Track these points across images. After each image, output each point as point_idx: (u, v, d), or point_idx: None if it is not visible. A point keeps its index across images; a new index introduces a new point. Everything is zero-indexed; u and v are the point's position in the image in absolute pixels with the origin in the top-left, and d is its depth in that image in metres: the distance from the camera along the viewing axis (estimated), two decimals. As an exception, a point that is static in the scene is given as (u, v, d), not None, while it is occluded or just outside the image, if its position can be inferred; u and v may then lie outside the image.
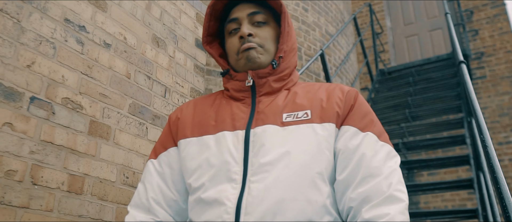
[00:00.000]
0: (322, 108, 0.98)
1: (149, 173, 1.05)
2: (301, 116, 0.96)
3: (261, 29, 1.05)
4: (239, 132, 0.97)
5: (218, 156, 0.95)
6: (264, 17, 1.06)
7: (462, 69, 2.35)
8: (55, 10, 1.87)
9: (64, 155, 1.78)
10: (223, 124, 1.00)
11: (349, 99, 1.00)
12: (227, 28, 1.08)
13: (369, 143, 0.93)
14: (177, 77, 2.56)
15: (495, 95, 6.36)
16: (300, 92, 1.04)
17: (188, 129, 1.04)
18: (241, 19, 1.05)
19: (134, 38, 2.29)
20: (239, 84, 1.05)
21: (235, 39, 1.05)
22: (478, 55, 6.68)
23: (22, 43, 1.71)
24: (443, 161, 3.72)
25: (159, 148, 1.08)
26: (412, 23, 7.58)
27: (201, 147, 0.99)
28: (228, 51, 1.08)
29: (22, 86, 1.67)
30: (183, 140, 1.04)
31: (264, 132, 0.95)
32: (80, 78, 1.93)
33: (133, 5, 2.33)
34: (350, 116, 0.98)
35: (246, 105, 1.03)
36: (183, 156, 1.02)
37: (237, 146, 0.95)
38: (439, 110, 4.58)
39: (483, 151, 1.50)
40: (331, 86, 1.05)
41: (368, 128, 0.96)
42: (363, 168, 0.89)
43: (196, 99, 1.14)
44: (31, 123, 1.68)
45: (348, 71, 5.41)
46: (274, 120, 0.97)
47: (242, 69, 1.05)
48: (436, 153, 6.21)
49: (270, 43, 1.05)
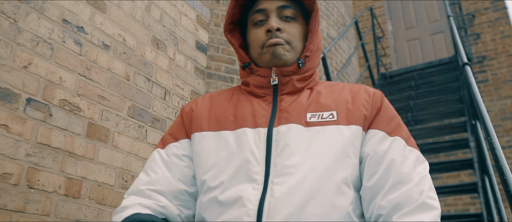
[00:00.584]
0: (348, 110, 0.93)
1: (154, 162, 0.98)
2: (326, 117, 0.92)
3: (289, 25, 1.00)
4: (261, 129, 0.92)
5: (239, 154, 0.89)
6: (293, 12, 1.01)
7: (466, 71, 2.32)
8: (53, 11, 1.84)
9: (61, 158, 1.74)
10: (243, 121, 0.94)
11: (376, 102, 0.96)
12: (252, 18, 1.02)
13: (398, 148, 0.89)
14: (177, 79, 2.52)
15: (498, 99, 6.32)
16: (324, 91, 0.99)
17: (204, 122, 0.98)
18: (270, 11, 1.00)
19: (133, 40, 2.25)
20: (261, 80, 0.99)
21: (260, 31, 0.99)
22: (480, 59, 6.65)
23: (18, 44, 1.67)
24: (447, 165, 3.68)
25: (168, 138, 1.01)
26: (414, 27, 7.56)
27: (218, 142, 0.93)
28: (250, 43, 1.02)
29: (18, 87, 1.64)
30: (198, 133, 0.97)
31: (289, 131, 0.90)
32: (78, 79, 1.89)
33: (132, 6, 2.29)
34: (377, 119, 0.94)
35: (267, 102, 0.98)
36: (198, 150, 0.95)
37: (258, 145, 0.89)
38: (442, 113, 4.54)
39: (491, 153, 1.46)
40: (355, 87, 1.01)
41: (396, 132, 0.92)
42: (393, 175, 0.86)
43: (211, 93, 1.08)
44: (27, 125, 1.64)
45: (349, 75, 5.38)
46: (298, 119, 0.92)
47: (265, 65, 0.99)
48: (438, 157, 6.16)
49: (297, 41, 1.00)
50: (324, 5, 5.09)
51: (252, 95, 1.01)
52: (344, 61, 5.25)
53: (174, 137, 1.01)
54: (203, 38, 2.87)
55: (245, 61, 1.02)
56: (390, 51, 7.53)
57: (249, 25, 1.04)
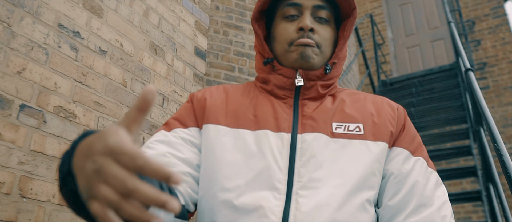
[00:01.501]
0: (374, 124, 0.88)
1: (156, 140, 0.87)
2: (353, 130, 0.86)
3: (322, 27, 0.93)
4: (284, 134, 0.85)
5: (259, 157, 0.82)
6: (328, 15, 0.94)
7: (470, 77, 2.28)
8: (48, 15, 1.80)
9: (55, 166, 1.69)
10: (265, 122, 0.87)
11: (400, 118, 0.92)
12: (283, 11, 0.94)
13: (421, 169, 0.86)
14: (176, 86, 2.48)
15: (499, 105, 6.28)
16: (347, 100, 0.93)
17: (221, 115, 0.89)
18: (304, 8, 0.92)
19: (131, 45, 2.21)
20: (284, 81, 0.92)
21: (291, 27, 0.92)
22: (480, 66, 6.62)
23: (12, 49, 1.63)
24: (449, 173, 3.63)
25: (174, 123, 0.91)
26: (414, 34, 7.54)
27: (236, 140, 0.85)
28: (277, 37, 0.95)
29: (11, 93, 1.59)
30: (213, 125, 0.88)
31: (315, 141, 0.84)
32: (74, 85, 1.85)
33: (130, 12, 2.26)
34: (402, 137, 0.90)
35: (288, 105, 0.91)
36: (211, 144, 0.86)
37: (281, 151, 0.83)
38: (443, 120, 4.50)
39: (499, 161, 1.41)
40: (377, 98, 0.96)
41: (418, 152, 0.89)
42: (416, 196, 0.83)
43: (225, 85, 0.99)
44: (20, 132, 1.59)
45: (350, 82, 5.34)
46: (324, 128, 0.86)
47: (290, 64, 0.92)
48: (439, 165, 6.11)
49: (327, 45, 0.93)
50: (324, 11, 5.06)
51: (271, 95, 0.94)
52: (344, 68, 5.21)
53: (182, 123, 0.91)
54: (202, 44, 2.83)
55: (268, 56, 0.95)
56: (390, 58, 7.50)
57: (278, 17, 0.96)
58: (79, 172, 0.49)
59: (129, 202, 0.44)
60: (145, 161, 0.43)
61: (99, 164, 0.45)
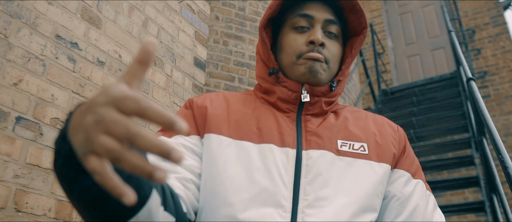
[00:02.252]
0: (377, 144, 0.87)
1: None
2: (357, 149, 0.85)
3: (332, 43, 0.90)
4: (289, 150, 0.82)
5: (264, 173, 0.79)
6: (338, 30, 0.92)
7: (472, 87, 2.25)
8: (46, 26, 1.78)
9: (51, 179, 1.66)
10: (269, 136, 0.84)
11: (402, 140, 0.92)
12: (293, 21, 0.91)
13: (421, 192, 0.87)
14: (175, 96, 2.46)
15: (500, 114, 6.25)
16: (350, 117, 0.91)
17: (224, 125, 0.85)
18: (316, 21, 0.89)
19: (129, 56, 2.20)
20: (289, 94, 0.88)
21: (301, 39, 0.89)
22: (481, 74, 6.61)
23: (9, 60, 1.61)
24: (452, 183, 3.59)
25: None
26: (414, 43, 7.54)
27: (239, 153, 0.82)
28: (285, 48, 0.91)
29: (7, 105, 1.57)
30: (215, 135, 0.84)
31: (321, 158, 0.82)
32: (71, 97, 1.83)
33: (129, 22, 2.24)
34: (403, 159, 0.90)
35: (291, 120, 0.88)
36: (214, 155, 0.82)
37: (287, 167, 0.80)
38: (444, 130, 4.47)
39: (504, 172, 1.38)
40: (377, 118, 0.94)
41: (418, 175, 0.89)
42: (418, 220, 0.84)
43: (224, 93, 0.95)
44: (16, 145, 1.57)
45: (350, 91, 5.32)
46: (330, 145, 0.84)
47: (297, 78, 0.88)
48: (441, 175, 6.07)
49: (335, 62, 0.91)
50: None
51: (274, 107, 0.90)
52: (344, 77, 5.19)
53: None
54: (202, 55, 2.81)
55: (274, 66, 0.91)
56: (390, 67, 7.49)
57: (287, 27, 0.93)
58: (76, 130, 0.46)
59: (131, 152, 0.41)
60: (149, 103, 0.41)
61: (100, 114, 0.42)
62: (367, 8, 8.23)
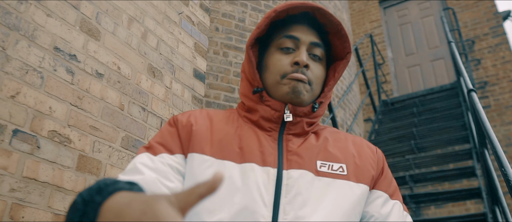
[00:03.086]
0: (356, 166, 0.89)
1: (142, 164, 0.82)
2: (336, 169, 0.86)
3: (316, 65, 0.92)
4: (270, 169, 0.83)
5: (244, 191, 0.80)
6: (322, 53, 0.94)
7: (473, 98, 2.24)
8: (44, 38, 1.78)
9: (48, 193, 1.64)
10: (251, 155, 0.85)
11: (380, 162, 0.94)
12: (279, 42, 0.93)
13: (398, 212, 0.90)
14: (174, 108, 2.45)
15: (501, 124, 6.23)
16: (330, 139, 0.93)
17: (207, 144, 0.86)
18: (302, 43, 0.92)
19: (128, 68, 2.19)
20: (272, 113, 0.90)
21: (286, 60, 0.91)
22: (481, 85, 6.60)
23: (6, 72, 1.60)
24: (453, 194, 3.56)
25: (158, 147, 0.86)
26: (414, 53, 7.55)
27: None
28: (270, 68, 0.92)
29: (4, 118, 1.55)
30: (198, 155, 0.85)
31: (301, 178, 0.83)
32: (69, 109, 1.81)
33: (128, 34, 2.24)
34: (381, 180, 0.92)
35: (272, 139, 0.89)
36: (195, 175, 0.83)
37: (267, 186, 0.81)
38: (446, 140, 4.45)
39: (507, 185, 1.36)
40: (356, 139, 0.96)
41: (395, 195, 0.92)
42: None
43: (208, 111, 0.96)
44: (13, 158, 1.55)
45: (351, 102, 5.31)
46: (310, 166, 0.85)
47: (280, 97, 0.90)
48: (442, 186, 6.03)
49: (318, 84, 0.93)
50: (324, 32, 5.07)
51: (256, 126, 0.91)
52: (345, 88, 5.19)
53: (168, 149, 0.86)
54: (201, 66, 2.80)
55: (258, 85, 0.92)
56: (390, 77, 7.49)
57: (273, 47, 0.94)
58: None
59: None
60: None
61: None
62: (367, 18, 8.26)
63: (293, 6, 0.92)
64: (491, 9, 7.04)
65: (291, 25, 0.95)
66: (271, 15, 0.92)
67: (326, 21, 0.95)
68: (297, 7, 0.92)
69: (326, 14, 0.93)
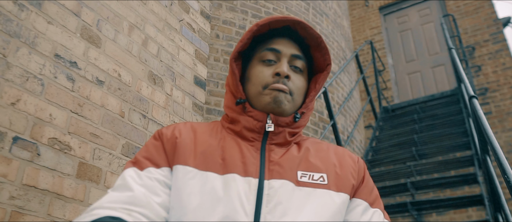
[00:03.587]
0: (337, 175, 0.91)
1: (130, 180, 0.83)
2: (317, 179, 0.88)
3: (297, 76, 0.96)
4: (252, 180, 0.85)
5: (226, 201, 0.81)
6: (303, 65, 0.98)
7: (474, 105, 2.23)
8: (45, 45, 1.77)
9: (48, 201, 1.63)
10: (233, 166, 0.87)
11: (361, 171, 0.97)
12: (262, 55, 0.97)
13: (378, 221, 0.92)
14: (175, 115, 2.44)
15: (502, 131, 6.22)
16: (312, 149, 0.95)
17: (190, 156, 0.88)
18: (283, 55, 0.95)
19: (129, 75, 2.18)
20: (254, 123, 0.93)
21: (267, 71, 0.94)
22: (482, 91, 6.60)
23: (7, 80, 1.60)
24: (455, 201, 3.54)
25: (146, 162, 0.88)
26: (414, 60, 7.55)
27: (204, 184, 0.84)
28: (252, 79, 0.96)
29: (4, 125, 1.55)
30: (182, 166, 0.87)
31: (282, 188, 0.84)
32: (70, 116, 1.80)
33: (129, 41, 2.24)
34: (362, 189, 0.94)
35: (255, 149, 0.91)
36: (179, 186, 0.84)
37: (248, 196, 0.82)
38: (447, 147, 4.43)
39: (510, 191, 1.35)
40: (338, 150, 0.99)
41: (376, 204, 0.94)
42: None
43: (192, 123, 0.99)
44: (12, 165, 1.54)
45: (351, 109, 5.30)
46: (291, 176, 0.87)
47: (262, 107, 0.93)
48: (444, 193, 6.01)
49: (299, 95, 0.96)
50: (325, 39, 5.07)
51: (239, 136, 0.94)
52: (345, 95, 5.19)
53: (154, 163, 0.88)
54: (202, 73, 2.80)
55: (241, 97, 0.95)
56: (391, 84, 7.49)
57: (255, 60, 0.98)
58: None
59: None
60: None
61: None
62: (367, 25, 8.28)
63: (274, 20, 0.96)
64: (491, 16, 7.05)
65: (273, 38, 0.98)
66: (253, 29, 0.96)
67: (307, 35, 0.98)
68: (278, 21, 0.96)
69: (306, 28, 0.97)
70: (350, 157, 0.97)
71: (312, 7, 5.08)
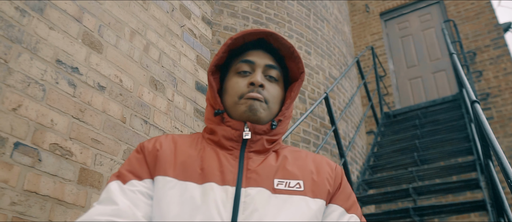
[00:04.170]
0: (313, 181, 0.94)
1: (114, 194, 0.87)
2: (293, 186, 0.92)
3: (272, 85, 1.01)
4: (229, 188, 0.88)
5: (204, 210, 0.84)
6: (278, 74, 1.03)
7: (476, 110, 2.23)
8: (47, 51, 1.78)
9: (49, 207, 1.62)
10: (211, 175, 0.90)
11: (338, 177, 1.00)
12: (237, 67, 1.02)
13: None
14: (176, 121, 2.44)
15: (504, 136, 6.20)
16: (290, 157, 0.99)
17: (170, 167, 0.92)
18: (257, 66, 1.00)
19: (130, 81, 2.18)
20: (232, 132, 0.97)
21: (242, 82, 0.99)
22: (483, 96, 6.59)
23: (8, 85, 1.60)
24: (457, 207, 3.52)
25: (128, 175, 0.92)
26: (415, 65, 7.55)
27: (183, 193, 0.87)
28: (229, 90, 1.01)
29: (5, 130, 1.55)
30: (162, 177, 0.91)
31: (258, 195, 0.88)
32: (71, 122, 1.80)
33: (130, 47, 2.24)
34: (338, 195, 0.97)
35: (233, 157, 0.95)
36: (159, 196, 0.88)
37: (225, 204, 0.86)
38: (449, 152, 4.42)
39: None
40: (317, 157, 1.03)
41: (353, 209, 0.96)
42: None
43: (174, 135, 1.04)
44: (14, 171, 1.53)
45: (353, 115, 5.30)
46: (267, 184, 0.90)
47: (239, 116, 0.97)
48: (446, 198, 5.98)
49: (274, 103, 1.00)
50: (326, 45, 5.08)
51: (218, 146, 0.98)
52: (346, 100, 5.18)
53: (136, 175, 0.92)
54: (203, 79, 2.80)
55: (219, 108, 1.00)
56: (392, 89, 7.48)
57: (231, 72, 1.03)
58: None
59: None
60: None
61: None
62: (368, 31, 8.28)
63: (248, 33, 1.01)
64: (492, 21, 7.06)
65: (247, 51, 1.04)
66: (228, 42, 1.01)
67: (280, 45, 1.03)
68: (252, 33, 1.01)
69: (278, 39, 1.02)
70: (328, 164, 1.01)
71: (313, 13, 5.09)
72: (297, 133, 4.06)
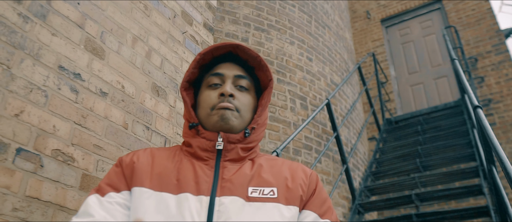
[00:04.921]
0: (287, 188, 0.96)
1: (92, 207, 0.91)
2: (267, 193, 0.94)
3: (242, 94, 1.04)
4: (204, 198, 0.91)
5: (179, 220, 0.87)
6: (248, 84, 1.06)
7: (479, 115, 2.22)
8: (49, 57, 1.78)
9: (51, 213, 1.62)
10: (186, 186, 0.93)
11: (312, 183, 1.01)
12: (208, 80, 1.06)
13: None
14: (178, 127, 2.43)
15: (506, 142, 6.18)
16: (265, 165, 1.01)
17: (146, 178, 0.96)
18: (226, 77, 1.04)
19: (132, 87, 2.18)
20: (206, 143, 1.00)
21: (214, 94, 1.03)
22: (485, 102, 6.57)
23: (10, 91, 1.60)
24: (460, 213, 3.50)
25: (107, 188, 0.96)
26: (417, 71, 7.55)
27: (158, 204, 0.91)
28: (201, 103, 1.04)
29: (8, 136, 1.54)
30: (138, 188, 0.94)
31: (232, 204, 0.90)
32: (73, 128, 1.80)
33: (132, 53, 2.24)
34: (312, 201, 0.98)
35: (209, 167, 0.98)
36: (135, 207, 0.92)
37: (200, 213, 0.88)
38: (451, 158, 4.41)
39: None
40: (293, 164, 1.05)
41: (327, 215, 0.98)
42: None
43: (152, 149, 1.08)
44: (16, 177, 1.53)
45: (354, 121, 5.29)
46: (241, 192, 0.93)
47: (212, 127, 1.01)
48: (449, 204, 5.95)
49: (246, 111, 1.03)
50: (327, 51, 5.08)
51: (194, 157, 1.00)
52: (348, 106, 5.18)
53: (114, 188, 0.96)
54: (205, 85, 2.81)
55: (194, 121, 1.03)
56: (394, 96, 7.48)
57: (203, 86, 1.07)
58: None
59: None
60: None
61: None
62: (369, 37, 8.29)
63: (215, 47, 1.05)
64: (493, 27, 7.06)
65: (217, 64, 1.08)
66: (197, 58, 1.05)
67: (247, 57, 1.07)
68: (219, 47, 1.06)
69: (245, 50, 1.06)
70: (303, 171, 1.03)
71: (315, 19, 5.10)
72: (299, 140, 4.05)
